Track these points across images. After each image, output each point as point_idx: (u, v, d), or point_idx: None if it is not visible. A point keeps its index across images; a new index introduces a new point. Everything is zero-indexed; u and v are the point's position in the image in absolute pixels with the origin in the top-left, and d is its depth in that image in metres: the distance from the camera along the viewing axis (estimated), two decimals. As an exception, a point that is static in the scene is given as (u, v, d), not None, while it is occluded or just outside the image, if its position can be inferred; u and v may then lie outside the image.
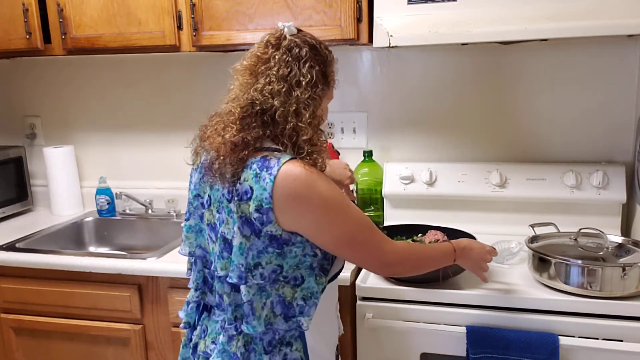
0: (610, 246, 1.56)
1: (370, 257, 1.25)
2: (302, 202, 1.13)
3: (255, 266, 1.17)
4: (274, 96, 1.16)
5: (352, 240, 1.21)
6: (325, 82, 1.23)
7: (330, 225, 1.17)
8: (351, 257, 1.26)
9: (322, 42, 1.25)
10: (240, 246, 1.16)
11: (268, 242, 1.16)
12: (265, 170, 1.13)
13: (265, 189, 1.12)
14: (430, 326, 1.52)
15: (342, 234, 1.19)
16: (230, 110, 1.19)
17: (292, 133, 1.16)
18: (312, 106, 1.18)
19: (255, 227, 1.15)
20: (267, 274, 1.18)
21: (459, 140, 2.09)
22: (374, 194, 2.10)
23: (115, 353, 1.89)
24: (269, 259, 1.17)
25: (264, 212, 1.13)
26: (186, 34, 1.93)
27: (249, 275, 1.17)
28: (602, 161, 1.94)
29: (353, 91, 2.17)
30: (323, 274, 1.23)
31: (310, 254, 1.20)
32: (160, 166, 2.41)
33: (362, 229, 1.22)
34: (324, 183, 1.16)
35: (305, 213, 1.15)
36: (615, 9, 1.52)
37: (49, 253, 1.92)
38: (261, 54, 1.20)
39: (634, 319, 1.42)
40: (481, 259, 1.43)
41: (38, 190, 2.53)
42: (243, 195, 1.14)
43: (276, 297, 1.20)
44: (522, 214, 1.93)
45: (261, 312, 1.20)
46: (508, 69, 2.00)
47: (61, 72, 2.45)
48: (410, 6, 1.67)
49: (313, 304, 1.21)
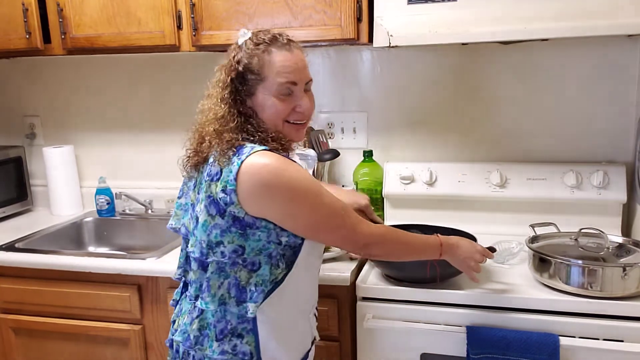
0: (610, 246, 1.56)
1: (346, 240, 1.29)
2: (270, 189, 1.18)
3: (217, 244, 1.22)
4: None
5: (324, 225, 1.25)
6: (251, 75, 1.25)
7: (301, 211, 1.21)
8: (327, 241, 1.32)
9: (259, 33, 1.27)
10: (204, 223, 1.23)
11: (231, 222, 1.20)
12: (236, 156, 1.19)
13: (231, 171, 1.18)
14: (430, 326, 1.52)
15: (313, 220, 1.23)
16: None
17: None
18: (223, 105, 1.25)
19: (220, 207, 1.20)
20: (228, 253, 1.22)
21: (459, 140, 2.09)
22: (374, 194, 2.09)
23: (115, 353, 1.89)
24: (231, 239, 1.21)
25: (227, 192, 1.18)
26: (186, 33, 1.93)
27: (210, 252, 1.23)
28: (602, 161, 1.94)
29: (353, 91, 2.17)
30: (284, 266, 1.26)
31: (275, 241, 1.23)
32: (160, 166, 2.40)
33: (334, 214, 1.25)
34: (294, 170, 1.21)
35: (273, 200, 1.19)
36: (615, 9, 1.52)
37: (48, 253, 1.92)
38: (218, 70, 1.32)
39: (634, 319, 1.42)
40: (469, 258, 1.42)
41: (38, 190, 2.53)
42: (214, 176, 1.21)
43: (233, 280, 1.25)
44: (523, 214, 1.93)
45: (217, 291, 1.25)
46: (508, 69, 2.00)
47: (61, 72, 2.45)
48: (410, 6, 1.66)
49: (261, 291, 1.24)
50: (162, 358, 1.87)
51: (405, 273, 1.57)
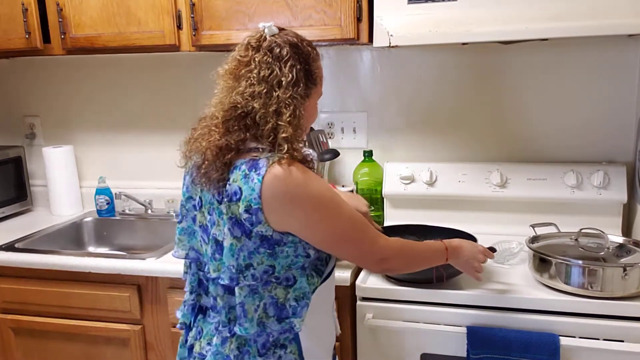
0: (611, 246, 1.56)
1: (365, 253, 1.25)
2: (292, 201, 1.13)
3: (246, 267, 1.17)
4: (255, 98, 1.16)
5: (345, 237, 1.21)
6: (310, 79, 1.22)
7: (323, 223, 1.17)
8: (346, 254, 1.27)
9: (304, 39, 1.24)
10: (230, 247, 1.16)
11: (259, 242, 1.15)
12: (253, 171, 1.13)
13: (253, 189, 1.12)
14: (430, 326, 1.52)
15: (335, 231, 1.19)
16: (214, 114, 1.20)
17: (271, 132, 1.15)
18: (293, 105, 1.17)
19: (246, 228, 1.15)
20: (259, 275, 1.18)
21: (459, 140, 2.09)
22: (374, 194, 2.09)
23: (115, 353, 1.89)
24: (261, 260, 1.17)
25: (253, 212, 1.13)
26: (186, 33, 1.92)
27: (240, 277, 1.17)
28: (602, 161, 1.94)
29: (353, 91, 2.17)
30: (316, 274, 1.23)
31: (302, 254, 1.19)
32: (160, 166, 2.40)
33: (355, 226, 1.22)
34: (315, 181, 1.17)
35: (297, 212, 1.15)
36: (615, 9, 1.52)
37: (48, 253, 1.91)
38: (242, 57, 1.20)
39: (634, 319, 1.42)
40: (473, 259, 1.42)
41: (37, 190, 2.53)
42: (232, 196, 1.15)
43: (269, 299, 1.20)
44: (523, 214, 1.93)
45: (254, 314, 1.20)
46: (508, 69, 2.00)
47: (60, 72, 2.44)
48: (410, 6, 1.66)
49: (305, 305, 1.21)
50: (162, 358, 1.87)
51: (409, 275, 1.57)
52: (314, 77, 1.23)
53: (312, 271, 1.23)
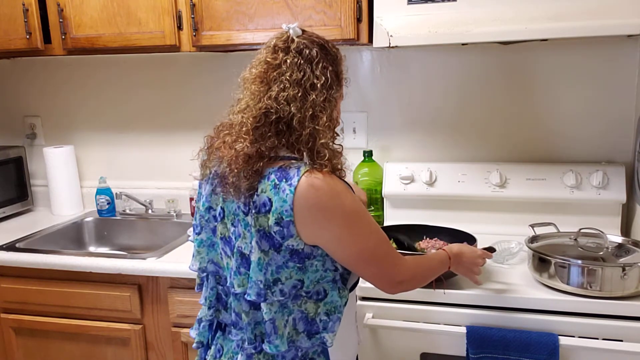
0: (610, 246, 1.56)
1: (385, 274, 1.19)
2: (325, 213, 1.08)
3: (274, 282, 1.11)
4: (290, 102, 1.10)
5: (372, 254, 1.16)
6: (338, 81, 1.19)
7: (353, 237, 1.12)
8: (367, 273, 1.19)
9: (328, 40, 1.20)
10: (258, 262, 1.10)
11: (289, 256, 1.10)
12: (284, 181, 1.07)
13: (285, 200, 1.06)
14: (430, 326, 1.52)
15: (363, 247, 1.14)
16: (242, 121, 1.13)
17: (309, 138, 1.10)
18: (329, 108, 1.13)
19: (275, 241, 1.09)
20: (287, 290, 1.12)
21: (459, 140, 2.09)
22: (374, 194, 2.10)
23: (115, 353, 1.89)
24: (289, 274, 1.11)
25: (284, 225, 1.07)
26: (186, 34, 1.93)
27: (268, 292, 1.11)
28: (602, 161, 1.94)
29: (353, 91, 2.17)
30: (345, 286, 1.19)
31: (331, 268, 1.16)
32: (160, 166, 2.41)
33: (381, 244, 1.17)
34: (348, 194, 1.12)
35: (329, 225, 1.10)
36: (615, 9, 1.52)
37: (49, 253, 1.92)
38: (271, 59, 1.13)
39: (634, 319, 1.42)
40: (473, 264, 1.42)
41: (38, 190, 2.53)
42: (261, 207, 1.09)
43: (298, 314, 1.16)
44: (522, 214, 1.93)
45: (284, 330, 1.14)
46: (508, 69, 2.00)
47: (61, 73, 2.45)
48: (410, 6, 1.67)
49: (337, 319, 1.17)
50: (162, 358, 1.87)
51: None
52: (340, 79, 1.21)
53: (342, 284, 1.19)
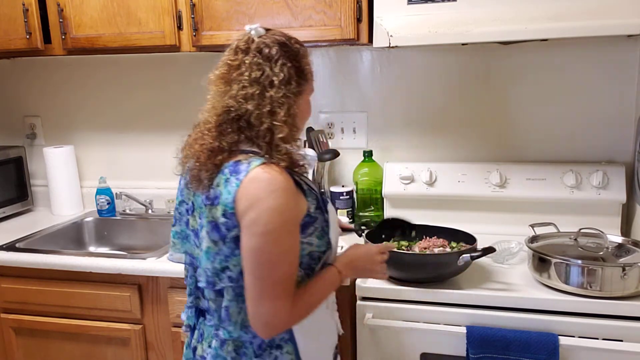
0: (610, 246, 1.56)
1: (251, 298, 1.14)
2: (252, 202, 1.10)
3: (222, 270, 1.17)
4: (248, 100, 1.15)
5: (253, 262, 1.12)
6: (301, 76, 1.22)
7: (258, 238, 1.11)
8: (247, 284, 1.15)
9: (292, 37, 1.23)
10: (207, 250, 1.17)
11: (234, 246, 1.15)
12: (234, 175, 1.13)
13: (230, 192, 1.12)
14: (430, 326, 1.52)
15: (260, 254, 1.12)
16: (207, 119, 1.20)
17: (267, 133, 1.15)
18: (287, 104, 1.17)
19: (222, 233, 1.14)
20: (236, 276, 1.17)
21: (459, 140, 2.09)
22: (374, 194, 2.10)
23: (115, 353, 1.89)
24: (237, 262, 1.16)
25: (228, 216, 1.13)
26: (186, 34, 1.93)
27: (216, 279, 1.18)
28: (602, 161, 1.94)
29: (353, 91, 2.17)
30: (301, 273, 1.20)
31: None
32: (160, 166, 2.41)
33: (271, 265, 1.12)
34: (283, 198, 1.11)
35: (250, 213, 1.11)
36: (615, 9, 1.52)
37: (49, 253, 1.92)
38: (231, 61, 1.20)
39: (634, 319, 1.42)
40: (371, 263, 1.36)
41: (38, 190, 2.53)
42: (214, 200, 1.15)
43: None
44: (522, 214, 1.93)
45: (237, 317, 1.20)
46: (508, 69, 2.01)
47: (61, 72, 2.45)
48: (410, 6, 1.67)
49: None
50: (162, 358, 1.87)
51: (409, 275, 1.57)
52: (305, 74, 1.23)
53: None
